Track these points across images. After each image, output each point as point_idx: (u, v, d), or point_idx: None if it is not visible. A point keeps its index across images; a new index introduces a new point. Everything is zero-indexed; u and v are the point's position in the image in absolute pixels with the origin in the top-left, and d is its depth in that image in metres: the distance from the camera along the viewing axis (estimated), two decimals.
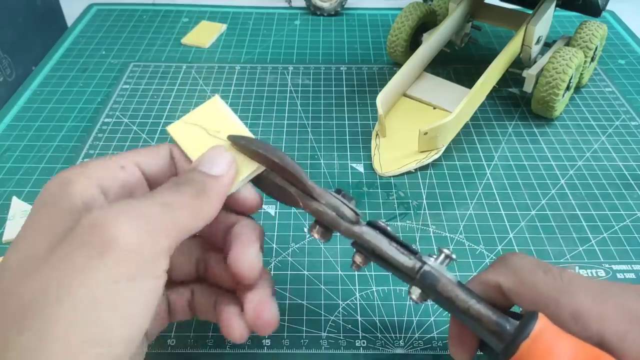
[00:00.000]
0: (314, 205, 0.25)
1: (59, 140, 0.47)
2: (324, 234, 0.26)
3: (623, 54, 0.59)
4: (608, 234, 0.38)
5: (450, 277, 0.24)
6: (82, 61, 0.57)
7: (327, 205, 0.25)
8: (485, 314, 0.22)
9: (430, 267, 0.24)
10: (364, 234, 0.25)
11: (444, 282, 0.23)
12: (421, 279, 0.24)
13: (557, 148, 0.46)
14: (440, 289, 0.23)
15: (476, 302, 0.23)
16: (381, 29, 0.63)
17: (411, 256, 0.24)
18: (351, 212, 0.25)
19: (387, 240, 0.25)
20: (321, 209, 0.25)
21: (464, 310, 0.23)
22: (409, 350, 0.31)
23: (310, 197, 0.25)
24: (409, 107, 0.48)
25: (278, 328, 0.32)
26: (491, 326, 0.22)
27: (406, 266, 0.24)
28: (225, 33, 0.62)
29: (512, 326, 0.22)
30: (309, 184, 0.25)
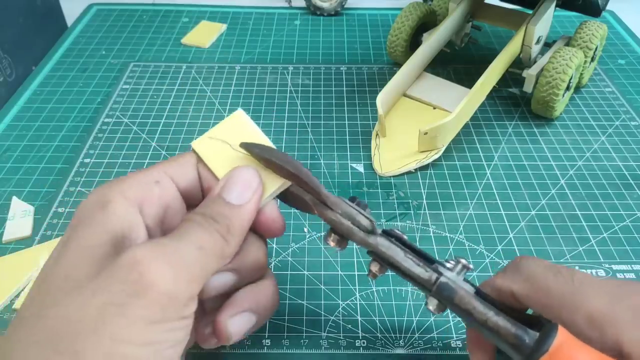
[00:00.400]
0: (329, 214, 0.25)
1: (59, 140, 0.47)
2: (340, 243, 0.26)
3: (623, 54, 0.59)
4: (608, 234, 0.38)
5: (468, 288, 0.24)
6: (82, 61, 0.57)
7: (343, 215, 0.25)
8: (504, 326, 0.22)
9: (447, 279, 0.24)
10: (379, 245, 0.25)
11: (461, 294, 0.23)
12: (438, 291, 0.23)
13: (557, 148, 0.46)
14: (457, 301, 0.23)
15: (494, 314, 0.22)
16: (381, 29, 0.63)
17: (427, 267, 0.24)
18: (367, 221, 0.25)
19: (403, 252, 0.25)
20: (336, 218, 0.25)
21: (482, 323, 0.22)
22: (409, 350, 0.31)
23: (325, 205, 0.25)
24: (409, 107, 0.48)
25: (278, 328, 0.32)
26: (510, 339, 0.22)
27: (422, 278, 0.24)
28: (225, 33, 0.62)
29: (531, 339, 0.21)
30: (324, 192, 0.25)
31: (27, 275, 0.35)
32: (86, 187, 0.42)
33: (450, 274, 0.24)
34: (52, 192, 0.41)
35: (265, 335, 0.32)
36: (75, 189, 0.41)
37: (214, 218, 0.23)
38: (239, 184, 0.24)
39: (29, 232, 0.38)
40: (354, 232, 0.25)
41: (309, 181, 0.25)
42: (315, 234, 0.38)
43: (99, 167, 0.43)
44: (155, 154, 0.45)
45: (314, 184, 0.25)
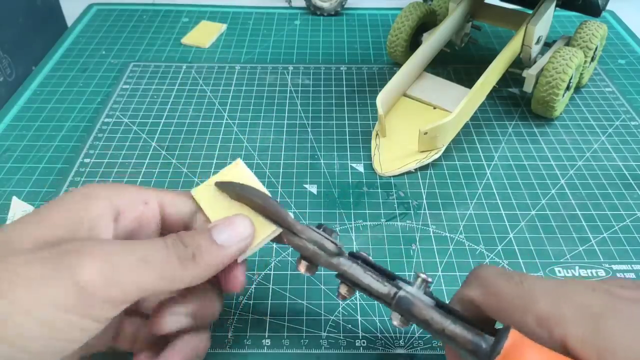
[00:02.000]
0: (296, 240, 0.26)
1: (59, 140, 0.47)
2: (310, 268, 0.27)
3: (623, 54, 0.59)
4: (608, 234, 0.38)
5: (427, 300, 0.25)
6: (82, 61, 0.57)
7: (308, 240, 0.26)
8: (460, 334, 0.23)
9: (406, 292, 0.25)
10: (340, 264, 0.26)
11: (419, 305, 0.24)
12: (397, 304, 0.25)
13: (557, 148, 0.46)
14: (415, 313, 0.24)
15: (451, 323, 0.23)
16: (381, 29, 0.63)
17: (386, 283, 0.25)
18: (332, 245, 0.26)
19: (363, 269, 0.26)
20: (301, 244, 0.26)
21: (439, 332, 0.23)
22: (409, 350, 0.31)
23: (292, 233, 0.26)
24: (409, 107, 0.48)
25: (278, 328, 0.32)
26: (467, 345, 0.23)
27: (381, 292, 0.25)
28: (225, 33, 0.62)
29: (488, 344, 0.22)
30: (290, 221, 0.26)
31: None
32: None
33: (410, 288, 0.25)
34: (52, 192, 0.41)
35: (265, 335, 0.32)
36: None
37: (184, 243, 0.23)
38: (232, 229, 0.25)
39: None
40: (318, 255, 0.26)
41: (275, 211, 0.26)
42: None
43: (99, 167, 0.43)
44: (155, 153, 0.45)
45: (280, 214, 0.26)
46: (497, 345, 0.22)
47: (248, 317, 0.33)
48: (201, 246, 0.24)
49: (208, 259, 0.24)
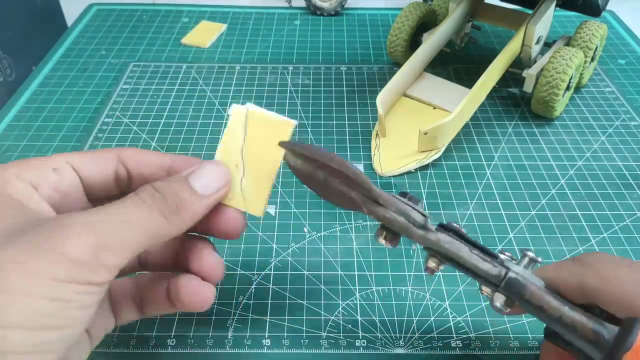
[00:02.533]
0: (381, 211, 0.24)
1: (59, 140, 0.47)
2: (393, 240, 0.25)
3: (623, 54, 0.59)
4: (608, 234, 0.38)
5: (538, 282, 0.23)
6: (82, 61, 0.57)
7: (397, 212, 0.24)
8: (580, 321, 0.21)
9: (516, 274, 0.22)
10: (441, 241, 0.24)
11: (532, 289, 0.22)
12: (506, 287, 0.22)
13: (557, 148, 0.46)
14: (529, 297, 0.22)
15: (569, 310, 0.21)
16: (381, 29, 0.63)
17: (494, 262, 0.23)
18: (421, 216, 0.24)
19: (468, 247, 0.23)
20: (390, 216, 0.24)
21: (556, 319, 0.21)
22: (409, 350, 0.31)
23: (376, 203, 0.24)
24: (409, 107, 0.48)
25: (278, 328, 0.32)
26: (588, 334, 0.21)
27: (491, 274, 0.23)
28: (225, 33, 0.62)
29: (610, 334, 0.20)
30: (375, 189, 0.24)
31: None
32: None
33: (518, 269, 0.23)
34: None
35: (265, 335, 0.32)
36: None
37: (165, 195, 0.23)
38: (209, 175, 0.24)
39: None
40: (411, 230, 0.24)
41: (356, 177, 0.23)
42: (315, 234, 0.38)
43: None
44: None
45: (363, 182, 0.23)
46: (626, 338, 0.20)
47: (248, 317, 0.33)
48: (183, 198, 0.23)
49: (192, 209, 0.23)
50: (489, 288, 0.23)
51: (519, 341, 0.32)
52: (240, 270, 0.36)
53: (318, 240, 0.38)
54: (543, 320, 0.22)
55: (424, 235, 0.24)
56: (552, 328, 0.22)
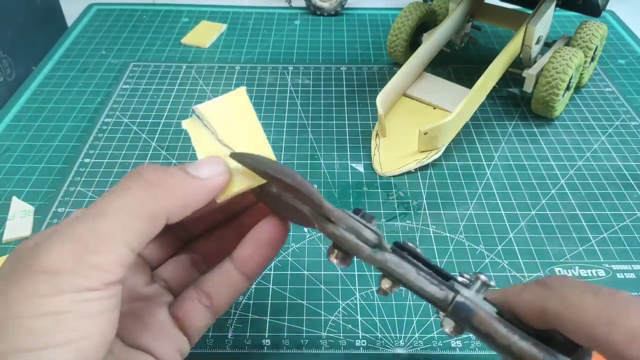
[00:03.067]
0: (332, 228, 0.23)
1: (59, 140, 0.47)
2: (344, 259, 0.24)
3: (623, 54, 0.59)
4: (608, 234, 0.38)
5: (488, 308, 0.21)
6: (82, 61, 0.57)
7: (347, 229, 0.23)
8: (529, 351, 0.20)
9: (465, 298, 0.21)
10: (388, 262, 0.22)
11: (481, 315, 0.20)
12: (454, 312, 0.21)
13: (557, 148, 0.46)
14: (476, 324, 0.21)
15: (519, 339, 0.20)
16: (381, 29, 0.63)
17: (442, 285, 0.22)
18: (373, 235, 0.23)
19: (415, 269, 0.22)
20: (340, 234, 0.23)
21: (505, 348, 0.20)
22: (409, 350, 0.31)
23: (327, 219, 0.23)
24: (409, 107, 0.48)
25: (278, 328, 0.32)
26: None
27: (437, 297, 0.21)
28: (225, 33, 0.62)
29: None
30: (326, 205, 0.23)
31: None
32: (86, 187, 0.42)
33: (468, 293, 0.21)
34: (52, 192, 0.41)
35: (265, 335, 0.32)
36: (75, 189, 0.41)
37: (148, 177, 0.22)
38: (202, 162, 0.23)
39: (29, 232, 0.38)
40: (360, 249, 0.23)
41: (309, 194, 0.23)
42: (315, 233, 0.38)
43: (99, 167, 0.43)
44: (155, 154, 0.45)
45: (315, 196, 0.23)
46: None
47: (248, 317, 0.33)
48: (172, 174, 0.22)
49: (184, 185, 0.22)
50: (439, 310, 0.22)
51: None
52: None
53: (318, 240, 0.38)
54: (492, 348, 0.21)
55: (372, 255, 0.22)
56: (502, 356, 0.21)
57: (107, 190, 0.41)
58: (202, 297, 0.26)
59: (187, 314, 0.25)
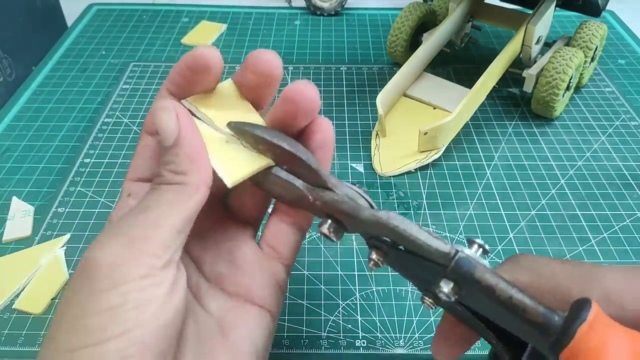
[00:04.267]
0: (328, 195, 0.22)
1: (59, 140, 0.47)
2: (337, 231, 0.23)
3: (623, 54, 0.59)
4: (608, 234, 0.38)
5: (487, 264, 0.21)
6: (82, 61, 0.57)
7: (342, 195, 0.23)
8: (531, 303, 0.19)
9: (465, 255, 0.21)
10: (390, 218, 0.21)
11: (482, 268, 0.20)
12: (456, 266, 0.20)
13: (557, 148, 0.46)
14: (478, 277, 0.20)
15: (518, 291, 0.19)
16: (381, 29, 0.63)
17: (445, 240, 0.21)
18: (367, 205, 0.23)
19: (417, 225, 0.21)
20: (338, 199, 0.22)
21: (505, 300, 0.19)
22: (409, 350, 0.31)
23: (324, 188, 0.23)
24: (409, 107, 0.48)
25: (278, 328, 0.32)
26: (538, 317, 0.19)
27: (441, 251, 0.20)
28: (225, 33, 0.62)
29: (561, 317, 0.19)
30: (323, 172, 0.23)
31: (27, 275, 0.35)
32: (86, 187, 0.42)
33: (468, 251, 0.21)
34: (52, 192, 0.41)
35: None
36: (75, 189, 0.41)
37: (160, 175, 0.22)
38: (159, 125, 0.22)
39: (29, 232, 0.38)
40: (361, 209, 0.22)
41: (306, 159, 0.22)
42: (315, 234, 0.38)
43: (99, 167, 0.43)
44: None
45: (311, 161, 0.22)
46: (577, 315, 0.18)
47: None
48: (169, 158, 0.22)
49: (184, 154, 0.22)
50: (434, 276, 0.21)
51: None
52: None
53: (318, 240, 0.38)
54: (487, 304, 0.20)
55: (374, 213, 0.22)
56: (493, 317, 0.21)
57: (106, 190, 0.41)
58: (282, 215, 0.26)
59: (274, 238, 0.26)
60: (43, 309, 0.33)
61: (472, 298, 0.21)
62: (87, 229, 0.38)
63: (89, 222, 0.39)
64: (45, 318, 0.33)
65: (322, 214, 0.24)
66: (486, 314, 0.21)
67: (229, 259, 0.25)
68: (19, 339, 0.32)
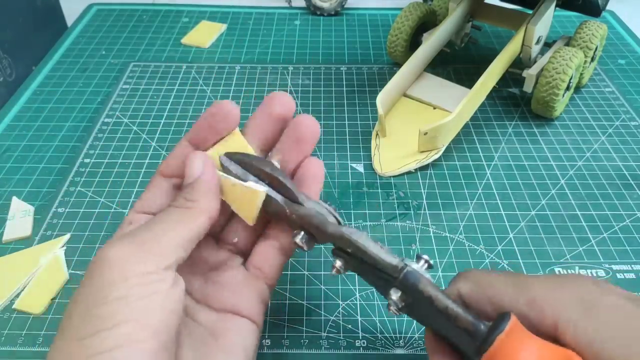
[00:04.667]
0: (302, 210, 0.26)
1: (59, 140, 0.47)
2: (309, 242, 0.27)
3: (623, 54, 0.59)
4: (608, 234, 0.38)
5: (430, 278, 0.25)
6: (82, 61, 0.57)
7: (313, 211, 0.27)
8: (462, 314, 0.23)
9: (412, 268, 0.25)
10: (352, 233, 0.26)
11: (425, 282, 0.24)
12: (404, 278, 0.24)
13: (557, 148, 0.46)
14: (421, 288, 0.24)
15: (452, 303, 0.23)
16: (381, 29, 0.63)
17: (396, 256, 0.25)
18: (334, 220, 0.26)
19: (373, 241, 0.26)
20: (310, 213, 0.26)
21: (442, 309, 0.23)
22: (409, 350, 0.31)
23: (298, 203, 0.27)
24: (409, 107, 0.48)
25: (278, 328, 0.32)
26: (468, 325, 0.23)
27: (391, 264, 0.25)
28: (225, 33, 0.62)
29: (486, 326, 0.23)
30: (297, 190, 0.27)
31: (27, 275, 0.35)
32: (86, 187, 0.42)
33: (416, 266, 0.25)
34: (52, 192, 0.41)
35: (265, 335, 0.32)
36: (75, 189, 0.41)
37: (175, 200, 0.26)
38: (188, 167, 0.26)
39: (29, 232, 0.38)
40: (328, 223, 0.26)
41: (283, 179, 0.27)
42: None
43: (99, 167, 0.43)
44: (155, 154, 0.45)
45: (287, 181, 0.27)
46: (498, 325, 0.22)
47: None
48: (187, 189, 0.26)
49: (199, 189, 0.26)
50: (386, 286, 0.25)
51: None
52: None
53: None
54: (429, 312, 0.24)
55: (339, 228, 0.26)
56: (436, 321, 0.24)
57: (106, 190, 0.41)
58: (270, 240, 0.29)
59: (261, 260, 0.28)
60: (43, 309, 0.33)
61: (418, 307, 0.24)
62: (87, 229, 0.38)
63: (89, 222, 0.39)
64: (45, 318, 0.33)
65: (297, 226, 0.27)
66: (428, 322, 0.25)
67: (217, 281, 0.28)
68: (19, 339, 0.32)
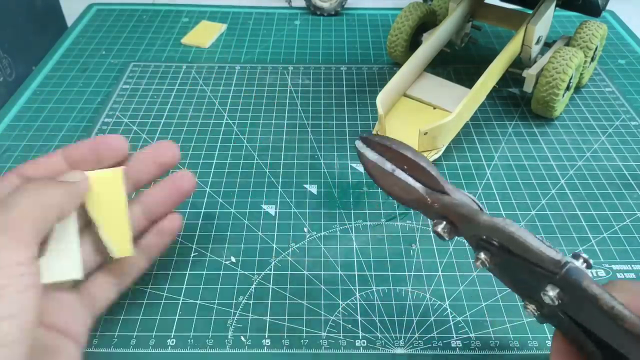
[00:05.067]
0: (447, 199, 0.25)
1: (59, 140, 0.47)
2: (451, 231, 0.26)
3: (623, 54, 0.59)
4: (608, 234, 0.38)
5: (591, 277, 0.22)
6: (82, 61, 0.57)
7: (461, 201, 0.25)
8: (630, 314, 0.20)
9: (575, 265, 0.22)
10: (507, 225, 0.23)
11: (589, 279, 0.22)
12: (566, 274, 0.22)
13: (557, 148, 0.46)
14: (585, 286, 0.21)
15: (619, 303, 0.21)
16: (381, 29, 0.63)
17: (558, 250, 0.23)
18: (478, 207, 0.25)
19: (531, 233, 0.23)
20: (457, 202, 0.25)
21: (607, 309, 0.21)
22: (409, 350, 0.31)
23: (442, 192, 0.26)
24: (409, 107, 0.48)
25: (278, 328, 0.32)
26: (636, 328, 0.20)
27: (554, 259, 0.22)
28: (225, 33, 0.62)
29: None
30: (441, 178, 0.25)
31: None
32: None
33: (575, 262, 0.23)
34: None
35: (265, 335, 0.32)
36: None
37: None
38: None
39: None
40: (478, 213, 0.24)
41: (426, 165, 0.25)
42: (315, 234, 0.38)
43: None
44: None
45: (430, 168, 0.25)
46: None
47: (248, 317, 0.33)
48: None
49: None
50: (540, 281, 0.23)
51: (519, 341, 0.32)
52: (240, 270, 0.36)
53: (318, 240, 0.38)
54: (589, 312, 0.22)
55: (491, 218, 0.24)
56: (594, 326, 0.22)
57: None
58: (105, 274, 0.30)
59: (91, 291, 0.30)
60: None
61: (575, 306, 0.22)
62: None
63: None
64: None
65: (437, 216, 0.26)
66: (587, 323, 0.23)
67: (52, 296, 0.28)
68: None
